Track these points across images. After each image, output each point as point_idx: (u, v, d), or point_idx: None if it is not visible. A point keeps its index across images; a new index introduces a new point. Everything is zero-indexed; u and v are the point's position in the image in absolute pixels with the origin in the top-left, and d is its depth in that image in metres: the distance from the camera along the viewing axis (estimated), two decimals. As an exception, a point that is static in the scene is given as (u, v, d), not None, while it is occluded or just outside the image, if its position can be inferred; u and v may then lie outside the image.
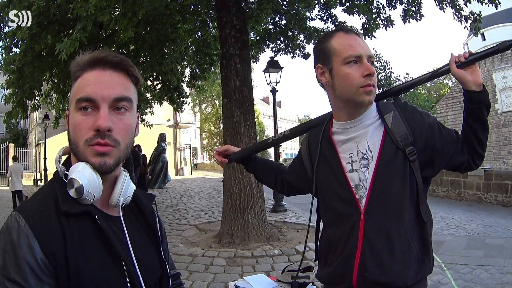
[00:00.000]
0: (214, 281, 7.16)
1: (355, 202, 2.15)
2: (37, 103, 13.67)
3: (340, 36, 2.18)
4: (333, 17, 12.93)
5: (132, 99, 1.57)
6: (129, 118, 1.56)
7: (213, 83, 32.96)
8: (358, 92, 2.10)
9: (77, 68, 1.55)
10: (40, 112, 26.32)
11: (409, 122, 2.16)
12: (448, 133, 2.20)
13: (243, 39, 9.95)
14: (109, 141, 1.47)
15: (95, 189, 1.46)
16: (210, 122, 62.57)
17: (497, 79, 49.43)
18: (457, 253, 8.60)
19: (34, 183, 32.25)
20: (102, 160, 1.47)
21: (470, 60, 2.09)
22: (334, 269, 2.24)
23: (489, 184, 16.07)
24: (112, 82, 1.52)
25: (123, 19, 7.80)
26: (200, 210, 15.36)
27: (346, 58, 2.11)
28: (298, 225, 11.68)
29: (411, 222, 2.10)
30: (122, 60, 1.57)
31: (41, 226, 1.35)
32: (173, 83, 15.07)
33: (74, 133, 1.48)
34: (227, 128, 9.88)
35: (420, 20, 11.07)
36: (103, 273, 1.42)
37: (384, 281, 2.06)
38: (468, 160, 2.19)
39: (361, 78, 2.08)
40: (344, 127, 2.26)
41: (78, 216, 1.43)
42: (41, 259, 1.30)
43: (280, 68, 16.24)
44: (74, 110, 1.49)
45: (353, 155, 2.21)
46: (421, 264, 2.12)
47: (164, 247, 1.78)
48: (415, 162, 2.10)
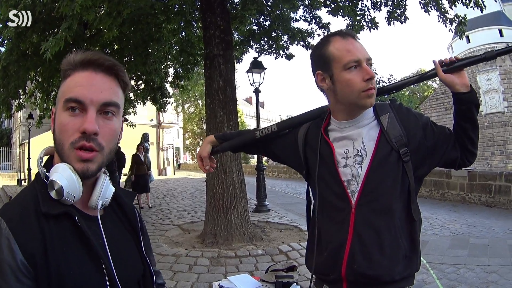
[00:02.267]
0: (198, 281, 7.15)
1: (347, 197, 2.20)
2: (21, 102, 13.56)
3: (337, 41, 2.20)
4: (317, 18, 12.94)
5: (119, 105, 1.59)
6: (115, 123, 1.57)
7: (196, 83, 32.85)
8: (360, 96, 2.15)
9: (68, 66, 1.55)
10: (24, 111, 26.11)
11: (403, 123, 2.21)
12: (441, 131, 2.25)
13: (227, 40, 9.96)
14: (94, 145, 1.47)
15: (75, 191, 1.47)
16: (193, 122, 62.56)
17: (481, 81, 49.90)
18: (441, 253, 8.63)
19: (18, 183, 31.83)
20: (85, 166, 1.48)
21: (457, 66, 2.15)
22: (325, 259, 2.28)
23: (473, 185, 16.15)
24: (102, 86, 1.53)
25: (107, 18, 7.77)
26: (183, 210, 15.31)
27: (346, 64, 2.14)
28: (281, 225, 11.68)
29: (401, 219, 2.16)
30: (114, 65, 1.58)
31: (21, 228, 1.36)
32: (156, 83, 15.03)
33: (60, 133, 1.49)
34: (210, 128, 9.86)
35: (405, 22, 11.10)
36: (83, 273, 1.42)
37: (372, 274, 2.11)
38: (461, 156, 2.24)
39: (363, 83, 2.12)
40: (342, 126, 2.31)
41: (58, 218, 1.44)
42: (21, 261, 1.30)
43: (263, 69, 16.19)
44: (62, 109, 1.49)
45: (348, 151, 2.25)
46: (408, 260, 2.17)
47: (145, 243, 1.79)
48: (408, 163, 2.15)
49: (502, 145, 49.05)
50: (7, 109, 12.65)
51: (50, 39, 7.20)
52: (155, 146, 41.75)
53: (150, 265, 1.76)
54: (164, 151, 44.75)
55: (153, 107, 18.77)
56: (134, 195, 1.93)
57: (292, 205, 15.72)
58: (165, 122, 44.56)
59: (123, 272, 1.55)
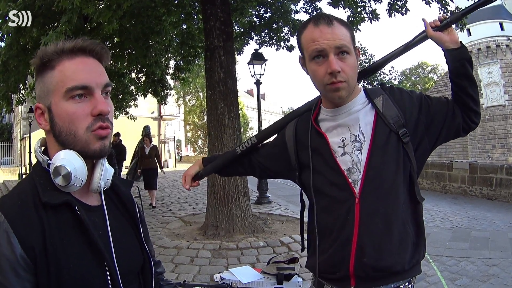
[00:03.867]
0: (200, 273, 7.18)
1: (349, 187, 2.11)
2: (22, 97, 13.55)
3: (308, 29, 2.10)
4: (318, 10, 12.94)
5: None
6: (111, 103, 1.58)
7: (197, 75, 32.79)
8: (326, 89, 2.08)
9: (52, 56, 1.50)
10: (25, 106, 26.09)
11: (399, 103, 2.16)
12: (436, 102, 2.21)
13: (227, 31, 9.93)
14: (109, 123, 1.50)
15: (82, 175, 1.46)
16: (194, 115, 62.47)
17: (482, 74, 49.66)
18: (442, 245, 8.65)
19: (19, 177, 31.71)
20: (102, 143, 1.50)
21: (446, 24, 2.12)
22: (329, 257, 2.18)
23: (474, 177, 16.17)
24: (99, 69, 1.54)
25: (107, 11, 7.75)
26: (185, 202, 15.32)
27: (311, 53, 2.07)
28: (282, 216, 11.71)
29: (406, 204, 2.11)
30: (102, 48, 1.58)
31: (19, 221, 1.34)
32: (157, 76, 14.98)
33: (70, 122, 1.46)
34: (211, 120, 9.89)
35: (406, 14, 11.04)
36: (83, 266, 1.41)
37: (383, 266, 2.05)
38: (464, 120, 2.18)
39: (326, 76, 2.04)
40: (333, 113, 2.22)
41: (57, 209, 1.42)
42: (20, 254, 1.29)
43: (264, 61, 16.16)
44: (62, 99, 1.46)
45: (345, 138, 2.16)
46: (416, 247, 2.13)
47: (144, 232, 1.77)
48: (408, 144, 2.09)
49: (503, 138, 48.84)
50: (8, 103, 12.67)
51: (50, 33, 7.19)
52: (156, 139, 41.74)
53: (150, 255, 1.74)
54: (165, 144, 44.76)
55: (154, 99, 18.81)
56: (131, 183, 1.89)
57: (294, 196, 15.55)
58: (166, 114, 44.56)
59: (123, 263, 1.54)
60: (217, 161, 2.80)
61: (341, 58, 2.03)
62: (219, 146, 9.53)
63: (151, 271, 1.74)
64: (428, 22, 2.17)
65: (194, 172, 2.80)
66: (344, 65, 2.03)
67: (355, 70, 2.10)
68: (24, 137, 36.40)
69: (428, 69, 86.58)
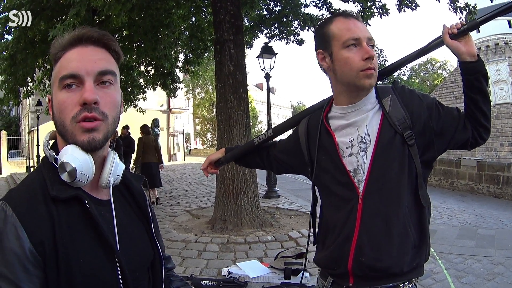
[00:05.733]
0: (207, 267, 7.16)
1: (354, 186, 2.14)
2: (30, 89, 13.60)
3: (339, 21, 2.16)
4: (328, 4, 12.88)
5: (116, 73, 1.55)
6: (114, 92, 1.53)
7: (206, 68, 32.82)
8: (359, 76, 2.09)
9: (58, 49, 1.51)
10: (33, 98, 26.17)
11: (407, 105, 2.15)
12: (448, 112, 2.18)
13: (237, 25, 9.90)
14: (97, 114, 1.43)
15: (88, 170, 1.44)
16: (203, 108, 62.63)
17: (491, 71, 49.47)
18: (449, 243, 8.65)
19: (27, 170, 32.04)
20: (90, 136, 1.44)
21: (462, 31, 2.08)
22: (330, 253, 2.24)
23: (481, 175, 16.10)
24: (95, 57, 1.50)
25: (116, 4, 7.72)
26: (193, 196, 15.32)
27: (345, 41, 2.10)
28: (291, 211, 11.68)
29: (409, 207, 2.10)
30: (103, 35, 1.54)
31: (28, 214, 1.32)
32: (166, 69, 14.98)
33: (60, 112, 1.45)
34: (221, 113, 9.88)
35: (415, 9, 10.98)
36: (92, 261, 1.39)
37: (380, 267, 2.06)
38: (473, 135, 2.16)
39: (361, 62, 2.07)
40: (345, 111, 2.24)
41: (67, 202, 1.40)
42: (29, 249, 1.27)
43: (274, 54, 16.13)
44: (58, 90, 1.46)
45: (353, 139, 2.19)
46: (417, 250, 2.12)
47: (155, 227, 1.76)
48: (413, 147, 2.09)
49: (511, 136, 48.74)
50: (16, 96, 12.73)
51: (58, 26, 7.19)
52: (165, 132, 41.86)
53: (160, 250, 1.73)
54: (174, 137, 44.82)
55: (163, 92, 18.83)
56: (142, 178, 1.88)
57: (302, 191, 15.65)
58: (175, 107, 44.60)
59: (132, 258, 1.53)
60: (236, 150, 2.95)
61: (371, 49, 2.11)
62: (228, 139, 9.51)
63: (161, 266, 1.73)
64: (446, 28, 2.15)
65: (215, 158, 2.95)
66: (374, 55, 2.11)
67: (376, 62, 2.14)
68: (32, 130, 36.49)
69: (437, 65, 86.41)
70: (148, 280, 1.68)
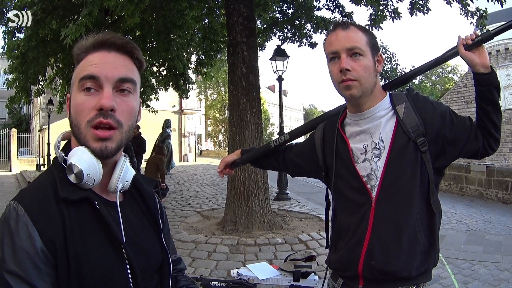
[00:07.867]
0: (217, 268, 7.18)
1: (367, 191, 2.20)
2: (41, 88, 13.69)
3: (328, 35, 2.26)
4: (340, 7, 12.88)
5: (136, 82, 1.56)
6: (132, 101, 1.54)
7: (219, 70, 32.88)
8: (340, 88, 2.19)
9: (81, 50, 1.53)
10: (44, 97, 26.27)
11: (420, 112, 2.18)
12: (460, 121, 2.20)
13: (250, 27, 9.91)
14: (112, 121, 1.44)
15: (95, 174, 1.45)
16: (215, 109, 62.79)
17: (501, 76, 49.04)
18: (457, 248, 8.66)
19: (37, 168, 32.12)
20: (103, 145, 1.45)
21: (476, 42, 2.10)
22: (342, 256, 2.30)
23: (490, 181, 16.11)
24: (116, 63, 1.50)
25: (129, 4, 7.74)
26: (204, 197, 15.34)
27: (328, 55, 2.22)
28: (301, 214, 11.66)
29: (420, 213, 2.14)
30: (127, 43, 1.55)
31: (40, 214, 1.34)
32: (179, 70, 15.07)
33: (76, 114, 1.46)
34: (233, 115, 9.87)
35: (427, 13, 10.97)
36: (103, 261, 1.41)
37: (389, 270, 2.12)
38: (483, 145, 2.19)
39: (338, 74, 2.15)
40: (357, 118, 2.29)
41: (78, 203, 1.42)
42: (40, 248, 1.29)
43: (286, 57, 16.07)
44: (77, 91, 1.47)
45: (367, 145, 2.24)
46: (426, 255, 2.16)
47: (165, 231, 1.76)
48: (426, 153, 2.12)
49: (520, 142, 48.45)
50: (27, 94, 12.80)
51: (70, 25, 7.22)
52: (177, 132, 41.92)
53: (169, 254, 1.73)
54: (186, 138, 44.88)
55: (175, 93, 18.86)
56: (154, 181, 1.89)
57: (313, 194, 15.68)
58: (187, 108, 44.63)
59: (141, 260, 1.54)
60: (253, 152, 3.02)
61: (353, 59, 2.14)
62: (240, 141, 9.51)
63: (169, 270, 1.73)
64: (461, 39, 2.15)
65: (231, 159, 2.99)
66: (355, 65, 2.13)
67: (369, 72, 2.17)
68: (43, 128, 36.63)
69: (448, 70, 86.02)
70: (156, 282, 1.69)
